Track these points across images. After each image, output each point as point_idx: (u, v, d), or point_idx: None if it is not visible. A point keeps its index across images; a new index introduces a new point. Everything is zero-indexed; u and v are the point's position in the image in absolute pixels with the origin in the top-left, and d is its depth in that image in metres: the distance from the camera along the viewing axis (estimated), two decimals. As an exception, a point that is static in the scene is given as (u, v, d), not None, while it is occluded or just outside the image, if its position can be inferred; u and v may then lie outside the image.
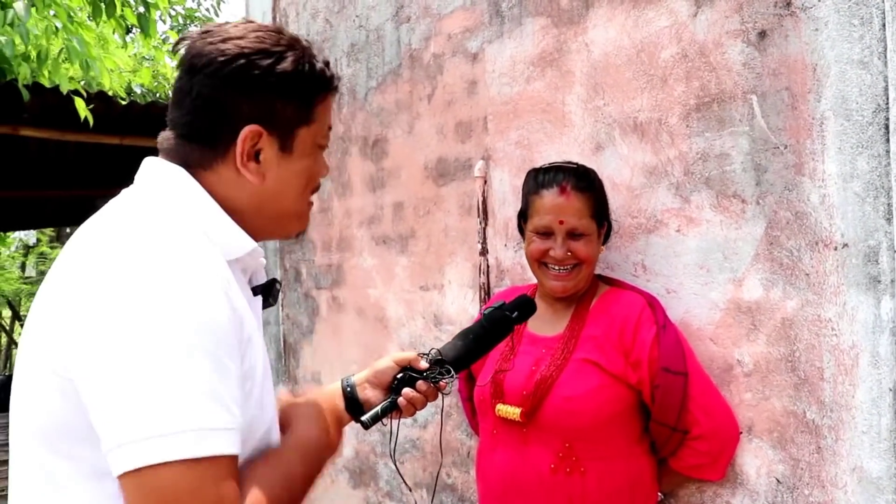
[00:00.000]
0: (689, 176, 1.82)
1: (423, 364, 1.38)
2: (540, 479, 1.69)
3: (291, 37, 1.12)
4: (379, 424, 1.36)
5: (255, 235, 1.13)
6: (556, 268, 1.77)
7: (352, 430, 3.11)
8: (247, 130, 1.07)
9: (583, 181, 1.79)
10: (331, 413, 1.28)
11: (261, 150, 1.09)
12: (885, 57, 1.45)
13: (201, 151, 1.09)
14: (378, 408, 1.35)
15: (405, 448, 2.85)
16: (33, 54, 3.99)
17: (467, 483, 2.54)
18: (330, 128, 1.19)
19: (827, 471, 1.56)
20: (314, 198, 1.24)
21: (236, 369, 0.95)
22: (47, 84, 4.98)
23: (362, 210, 3.10)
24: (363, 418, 1.33)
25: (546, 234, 1.77)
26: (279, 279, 1.30)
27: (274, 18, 3.65)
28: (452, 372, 1.39)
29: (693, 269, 1.81)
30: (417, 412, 1.36)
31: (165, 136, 1.12)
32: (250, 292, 1.16)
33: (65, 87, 4.02)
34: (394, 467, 2.88)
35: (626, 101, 1.97)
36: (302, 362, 3.54)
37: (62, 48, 4.83)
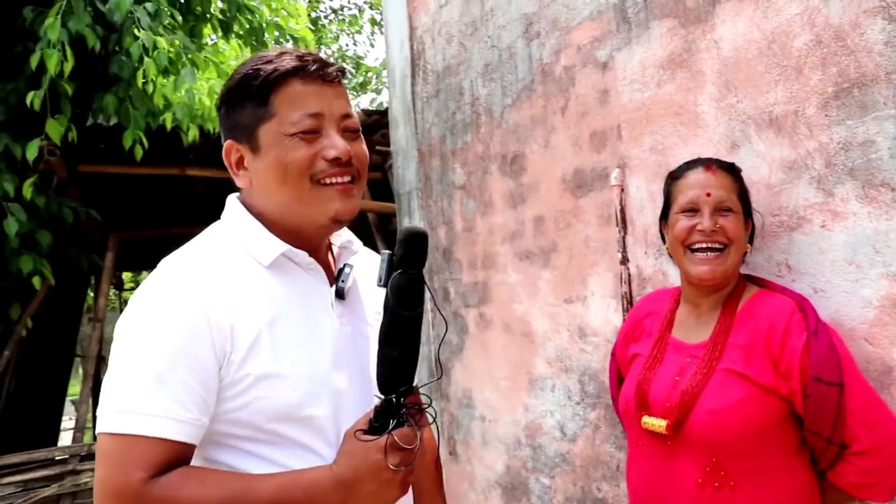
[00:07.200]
0: (831, 168, 1.72)
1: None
2: (686, 493, 1.63)
3: (261, 54, 1.25)
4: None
5: (301, 233, 1.24)
6: (705, 245, 1.67)
7: (503, 444, 3.15)
8: (224, 147, 1.25)
9: (726, 164, 1.77)
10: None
11: (242, 157, 1.24)
12: None
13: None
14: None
15: (555, 462, 2.83)
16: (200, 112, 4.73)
17: (618, 497, 2.49)
18: (313, 114, 1.19)
19: None
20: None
21: (203, 372, 1.11)
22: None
23: (504, 226, 3.14)
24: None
25: (692, 210, 1.71)
26: (350, 264, 1.32)
27: (412, 47, 3.79)
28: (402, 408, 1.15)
29: (841, 265, 1.70)
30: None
31: None
32: (309, 283, 1.26)
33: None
34: (545, 483, 2.88)
35: (759, 96, 1.89)
36: (453, 380, 3.61)
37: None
